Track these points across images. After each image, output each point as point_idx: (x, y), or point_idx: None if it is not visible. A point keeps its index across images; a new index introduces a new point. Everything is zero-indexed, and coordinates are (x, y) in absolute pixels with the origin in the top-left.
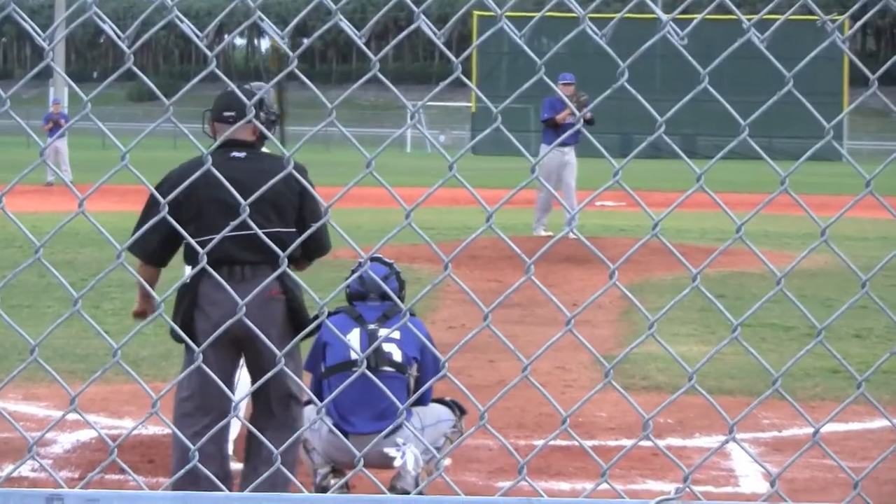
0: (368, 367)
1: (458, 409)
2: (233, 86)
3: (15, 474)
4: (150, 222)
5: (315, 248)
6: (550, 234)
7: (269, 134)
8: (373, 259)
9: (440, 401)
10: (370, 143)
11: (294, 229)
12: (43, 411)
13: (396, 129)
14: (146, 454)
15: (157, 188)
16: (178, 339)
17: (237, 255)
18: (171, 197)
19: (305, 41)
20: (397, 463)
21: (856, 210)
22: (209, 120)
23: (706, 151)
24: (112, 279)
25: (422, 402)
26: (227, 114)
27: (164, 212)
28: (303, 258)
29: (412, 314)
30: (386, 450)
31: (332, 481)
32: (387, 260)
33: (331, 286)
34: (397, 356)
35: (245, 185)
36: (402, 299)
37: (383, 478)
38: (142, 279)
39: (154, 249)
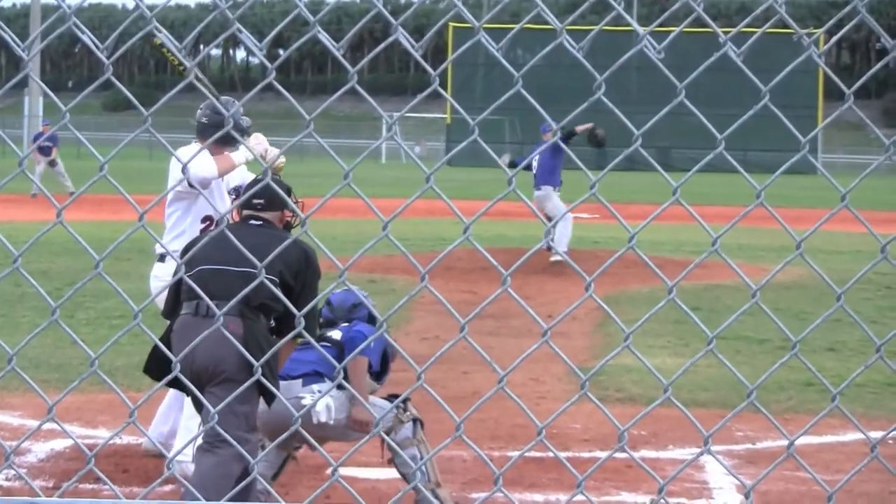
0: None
1: (404, 408)
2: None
3: None
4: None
5: (291, 327)
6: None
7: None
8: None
9: (392, 397)
10: (346, 154)
11: (275, 278)
12: (17, 420)
13: (372, 140)
14: (120, 464)
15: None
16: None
17: (206, 289)
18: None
19: (282, 52)
20: (306, 402)
21: (830, 223)
22: (238, 207)
23: (681, 164)
24: (87, 289)
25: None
26: (255, 201)
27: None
28: (281, 333)
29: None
30: (300, 394)
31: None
32: (360, 291)
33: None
34: (336, 336)
35: (246, 243)
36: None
37: (359, 487)
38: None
39: (168, 308)
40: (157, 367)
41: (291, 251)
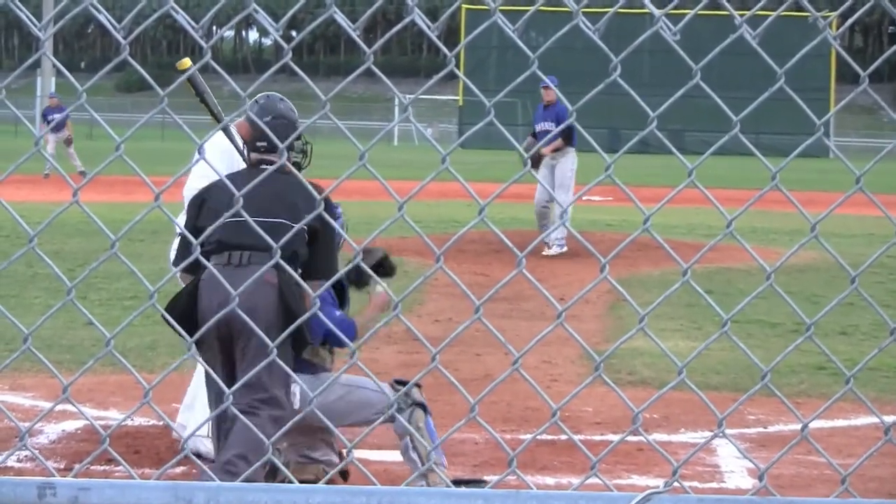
0: None
1: (404, 394)
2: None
3: (1, 465)
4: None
5: (321, 268)
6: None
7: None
8: None
9: (399, 383)
10: (359, 136)
11: (304, 226)
12: (29, 401)
13: (384, 122)
14: (132, 445)
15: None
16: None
17: (237, 240)
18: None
19: (295, 34)
20: None
21: (842, 207)
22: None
23: (694, 147)
24: (99, 270)
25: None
26: (259, 144)
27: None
28: (310, 276)
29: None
30: None
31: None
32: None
33: None
34: None
35: (265, 192)
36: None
37: (374, 469)
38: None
39: (179, 255)
40: (180, 316)
41: (311, 193)
